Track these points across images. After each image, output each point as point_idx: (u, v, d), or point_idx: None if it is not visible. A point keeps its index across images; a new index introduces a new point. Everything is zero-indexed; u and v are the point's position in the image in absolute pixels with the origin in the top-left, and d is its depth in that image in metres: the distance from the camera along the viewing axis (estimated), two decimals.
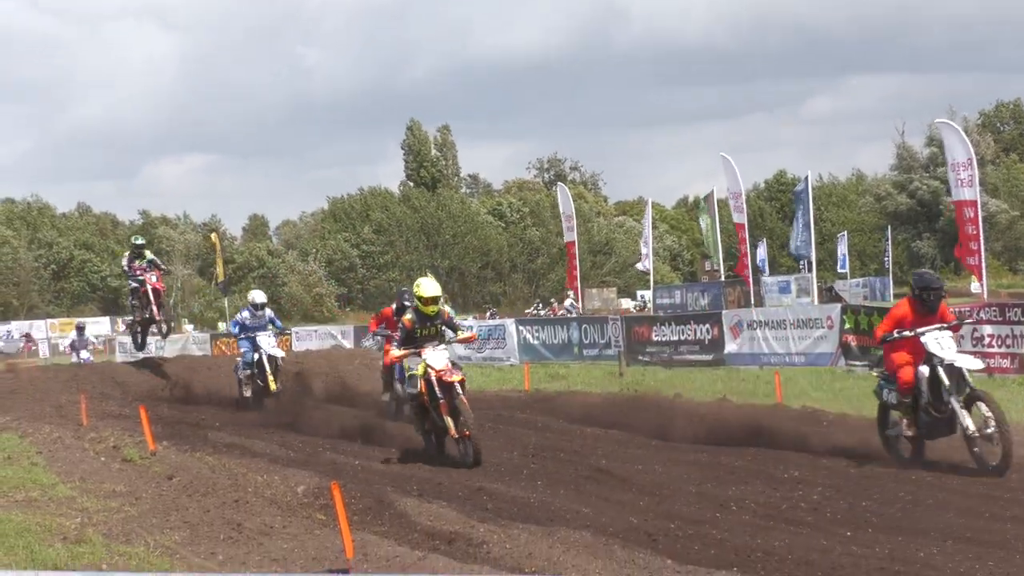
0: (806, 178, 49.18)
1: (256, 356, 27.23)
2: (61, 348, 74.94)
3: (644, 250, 55.49)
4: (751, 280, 54.29)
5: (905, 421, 16.53)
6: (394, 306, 24.70)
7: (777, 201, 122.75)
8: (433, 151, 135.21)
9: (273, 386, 26.99)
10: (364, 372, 33.37)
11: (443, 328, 19.07)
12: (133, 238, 33.07)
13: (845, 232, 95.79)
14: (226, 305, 78.53)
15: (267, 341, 27.40)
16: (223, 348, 57.37)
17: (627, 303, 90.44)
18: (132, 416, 22.52)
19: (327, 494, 13.85)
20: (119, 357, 61.25)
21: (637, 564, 11.10)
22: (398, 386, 22.60)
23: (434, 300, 18.65)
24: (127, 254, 32.83)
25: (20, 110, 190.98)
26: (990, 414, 15.50)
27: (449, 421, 17.99)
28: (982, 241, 30.73)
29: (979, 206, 31.05)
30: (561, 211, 56.05)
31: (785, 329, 32.43)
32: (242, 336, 27.70)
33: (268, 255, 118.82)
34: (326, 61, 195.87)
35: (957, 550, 11.68)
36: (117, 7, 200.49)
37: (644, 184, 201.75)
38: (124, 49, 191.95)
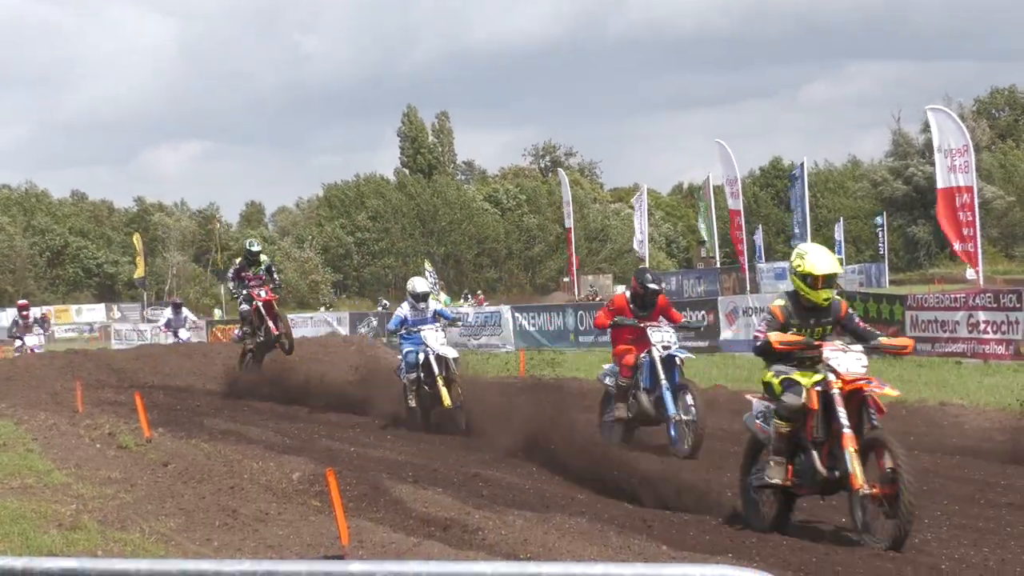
0: (801, 165, 49.19)
1: (422, 357, 21.98)
2: (58, 335, 74.62)
3: (639, 236, 55.56)
4: (747, 267, 54.35)
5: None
6: (628, 292, 19.79)
7: (773, 187, 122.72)
8: (430, 138, 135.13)
9: (447, 400, 21.21)
10: (360, 359, 33.43)
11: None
12: (248, 243, 28.32)
13: (841, 219, 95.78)
14: (221, 292, 78.51)
15: (434, 337, 22.13)
16: (219, 335, 57.31)
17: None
18: (128, 403, 22.52)
19: (322, 481, 13.85)
20: (115, 344, 61.20)
21: (632, 550, 11.11)
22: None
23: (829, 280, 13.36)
24: (238, 261, 28.70)
25: (16, 96, 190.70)
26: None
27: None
28: (978, 228, 30.71)
29: (975, 192, 31.03)
30: (563, 198, 56.00)
31: None
32: (404, 333, 22.50)
33: (264, 242, 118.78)
34: (323, 48, 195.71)
35: (952, 536, 11.69)
36: None
37: (640, 171, 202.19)
38: (122, 35, 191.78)
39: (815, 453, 11.86)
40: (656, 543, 11.40)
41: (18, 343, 38.23)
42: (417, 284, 23.24)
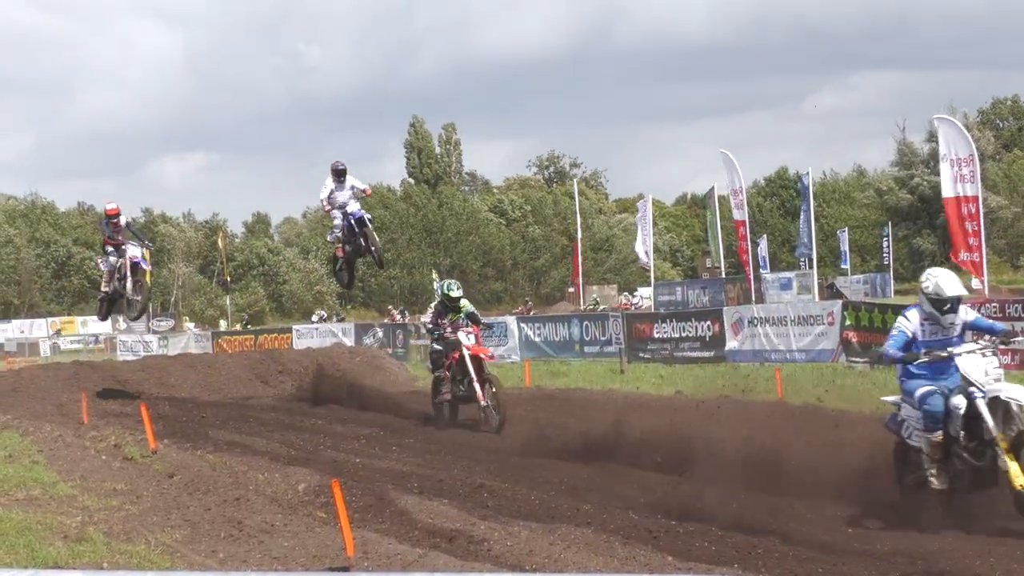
0: (807, 175, 49.20)
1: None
2: (63, 347, 74.50)
3: (643, 246, 55.52)
4: (752, 277, 54.31)
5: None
6: None
7: (778, 197, 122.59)
8: (437, 148, 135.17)
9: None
10: (365, 369, 33.46)
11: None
12: (446, 286, 24.68)
13: (846, 228, 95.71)
14: (227, 303, 78.51)
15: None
16: (224, 346, 57.32)
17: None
18: (133, 414, 22.54)
19: (328, 492, 13.85)
20: (120, 355, 61.22)
21: (638, 561, 11.10)
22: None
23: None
24: (433, 306, 26.56)
25: (22, 107, 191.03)
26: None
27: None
28: (983, 237, 30.69)
29: (980, 202, 31.00)
30: (573, 208, 56.03)
31: (786, 326, 32.43)
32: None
33: (269, 252, 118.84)
34: (327, 59, 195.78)
35: (960, 545, 11.68)
36: (119, 4, 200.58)
37: (645, 181, 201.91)
38: (126, 46, 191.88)
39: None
40: (662, 554, 11.39)
41: (112, 260, 28.40)
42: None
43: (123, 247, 28.05)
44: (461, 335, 23.02)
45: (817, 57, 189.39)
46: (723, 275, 66.29)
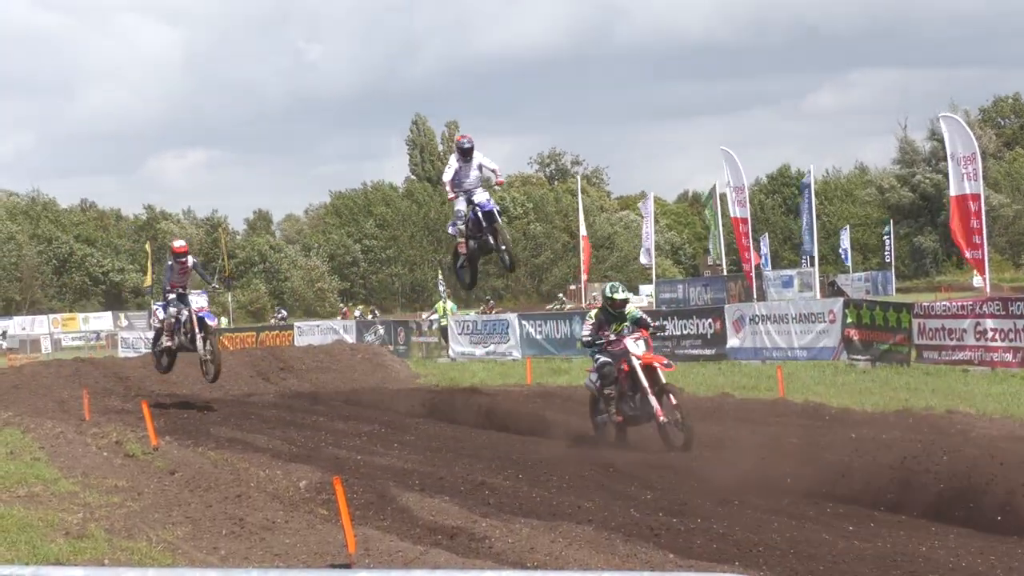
0: (809, 172, 49.21)
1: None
2: (64, 344, 74.36)
3: (645, 243, 55.55)
4: (753, 274, 54.30)
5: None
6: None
7: (780, 195, 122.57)
8: (440, 146, 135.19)
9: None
10: (366, 366, 33.46)
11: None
12: (610, 288, 20.47)
13: (847, 226, 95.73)
14: (229, 300, 78.49)
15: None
16: (226, 343, 57.27)
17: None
18: (134, 411, 22.53)
19: (329, 489, 13.86)
20: (121, 352, 61.21)
21: (639, 558, 11.10)
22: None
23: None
24: (593, 315, 20.81)
25: (23, 105, 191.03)
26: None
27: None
28: (985, 235, 30.69)
29: (982, 200, 31.00)
30: (577, 206, 56.05)
31: (787, 323, 32.40)
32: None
33: (270, 250, 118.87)
34: (328, 57, 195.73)
35: (960, 544, 11.67)
36: (120, 2, 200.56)
37: (646, 178, 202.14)
38: (127, 44, 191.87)
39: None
40: (663, 551, 11.39)
41: (172, 309, 25.05)
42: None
43: (187, 295, 24.70)
44: (629, 342, 19.12)
45: (817, 55, 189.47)
46: (724, 273, 66.33)
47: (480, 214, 22.73)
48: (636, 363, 19.03)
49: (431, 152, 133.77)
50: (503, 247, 22.99)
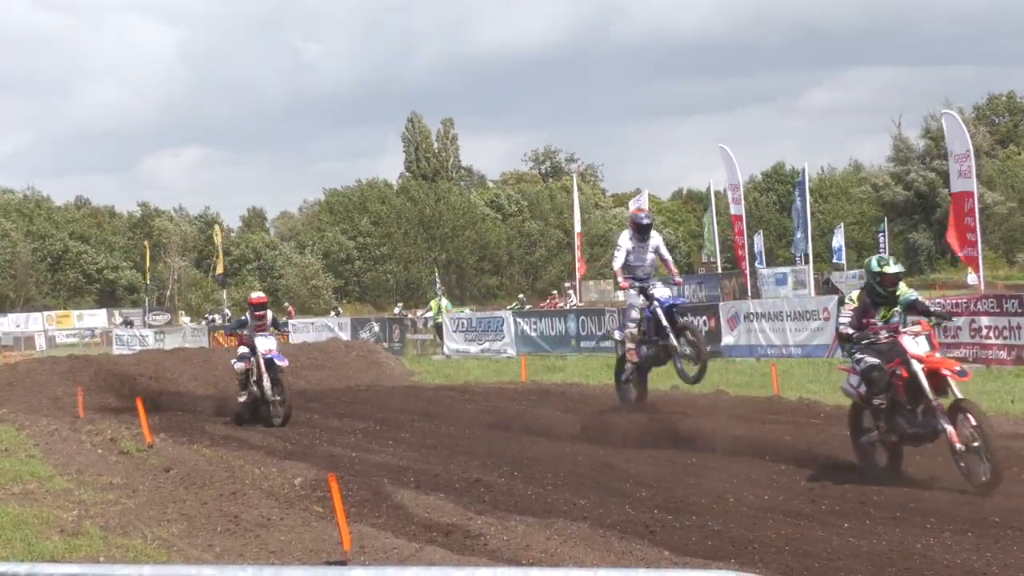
0: (803, 170, 49.23)
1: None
2: (59, 341, 74.51)
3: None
4: (748, 272, 54.32)
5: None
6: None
7: (774, 192, 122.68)
8: (435, 144, 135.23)
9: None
10: (361, 364, 33.46)
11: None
12: (877, 262, 15.94)
13: (841, 224, 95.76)
14: (224, 297, 78.47)
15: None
16: (220, 340, 57.27)
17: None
18: (129, 408, 22.51)
19: (324, 486, 13.86)
20: (116, 349, 61.21)
21: (634, 555, 11.10)
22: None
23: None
24: (854, 297, 16.59)
25: (20, 103, 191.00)
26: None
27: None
28: (979, 232, 30.72)
29: (976, 198, 31.03)
30: (572, 203, 56.04)
31: (782, 321, 32.40)
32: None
33: (265, 247, 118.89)
34: (324, 55, 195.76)
35: (955, 541, 11.67)
36: (118, 2, 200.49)
37: (641, 176, 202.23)
38: (124, 42, 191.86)
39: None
40: (658, 548, 11.39)
41: (243, 352, 23.95)
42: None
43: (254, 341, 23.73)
44: (907, 340, 14.46)
45: (813, 54, 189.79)
46: (719, 270, 66.37)
47: (660, 311, 19.57)
48: (918, 368, 14.37)
49: (426, 149, 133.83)
50: (698, 353, 19.53)
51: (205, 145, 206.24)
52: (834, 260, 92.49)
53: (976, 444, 13.66)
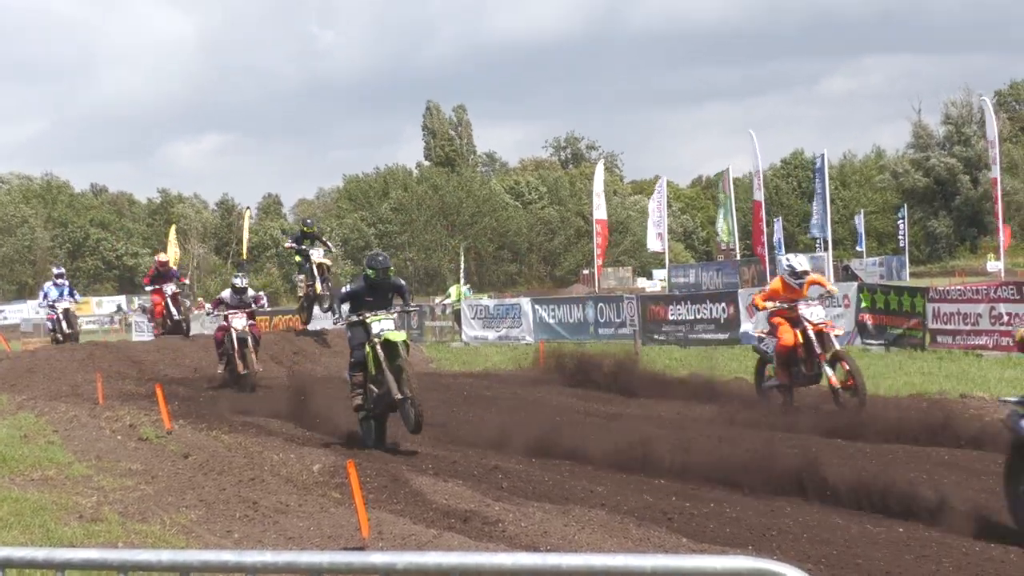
0: (822, 156, 49.13)
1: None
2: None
3: (657, 229, 55.48)
4: (767, 259, 54.22)
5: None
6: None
7: (794, 179, 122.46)
8: (448, 130, 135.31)
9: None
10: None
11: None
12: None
13: (862, 211, 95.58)
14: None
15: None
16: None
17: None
18: (148, 395, 22.55)
19: (342, 472, 13.87)
20: (135, 336, 61.30)
21: (652, 542, 11.09)
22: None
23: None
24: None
25: (38, 90, 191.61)
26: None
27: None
28: (1000, 219, 30.64)
29: (999, 184, 30.94)
30: (593, 189, 55.93)
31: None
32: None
33: (283, 234, 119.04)
34: (341, 42, 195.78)
35: (976, 530, 11.63)
36: None
37: (659, 163, 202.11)
38: (141, 29, 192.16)
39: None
40: (676, 535, 11.38)
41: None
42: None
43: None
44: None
45: (829, 41, 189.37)
46: (738, 257, 66.27)
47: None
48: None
49: (443, 136, 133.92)
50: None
51: (221, 131, 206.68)
52: (857, 247, 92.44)
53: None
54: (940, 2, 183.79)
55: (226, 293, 28.14)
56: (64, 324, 35.10)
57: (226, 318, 27.36)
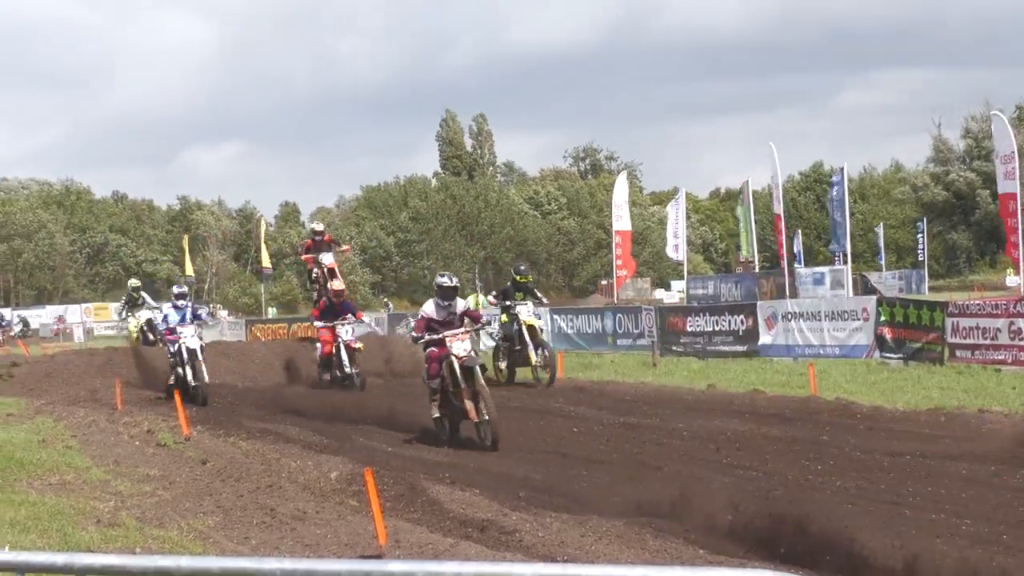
0: (842, 170, 49.04)
1: None
2: (97, 333, 74.94)
3: (675, 240, 55.44)
4: (786, 271, 54.16)
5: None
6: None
7: (813, 192, 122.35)
8: (468, 140, 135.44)
9: None
10: (399, 358, 33.48)
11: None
12: None
13: (882, 224, 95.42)
14: (262, 291, 78.71)
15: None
16: (258, 334, 57.47)
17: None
18: (166, 401, 22.59)
19: (360, 480, 13.87)
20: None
21: (669, 553, 11.08)
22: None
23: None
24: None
25: (57, 97, 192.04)
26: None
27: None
28: (1020, 234, 30.54)
29: (1019, 199, 30.85)
30: (614, 199, 55.87)
31: (820, 321, 32.24)
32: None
33: (297, 246, 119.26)
34: (358, 51, 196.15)
35: (996, 542, 11.60)
36: None
37: (676, 174, 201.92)
38: (160, 37, 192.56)
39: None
40: (693, 547, 11.37)
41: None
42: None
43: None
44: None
45: (846, 54, 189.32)
46: (756, 269, 66.21)
47: None
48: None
49: (459, 147, 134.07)
50: None
51: (240, 139, 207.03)
52: (878, 260, 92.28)
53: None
54: (957, 16, 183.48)
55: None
56: (190, 372, 25.30)
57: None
